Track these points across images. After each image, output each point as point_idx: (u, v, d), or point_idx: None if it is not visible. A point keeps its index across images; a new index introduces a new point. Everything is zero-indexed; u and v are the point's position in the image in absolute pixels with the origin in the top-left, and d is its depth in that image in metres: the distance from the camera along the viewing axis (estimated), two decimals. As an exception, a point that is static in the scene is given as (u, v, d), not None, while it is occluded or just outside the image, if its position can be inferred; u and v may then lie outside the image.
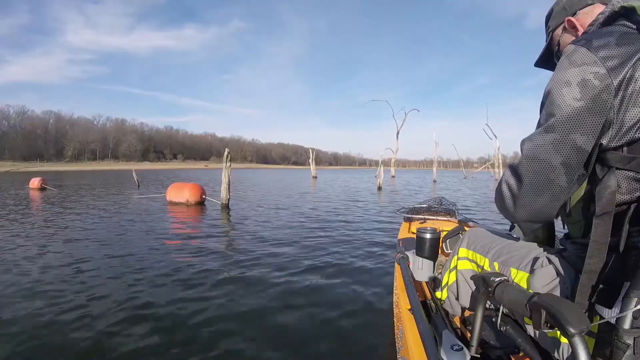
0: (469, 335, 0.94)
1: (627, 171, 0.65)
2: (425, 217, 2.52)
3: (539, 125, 0.71)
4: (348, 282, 2.96)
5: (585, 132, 0.64)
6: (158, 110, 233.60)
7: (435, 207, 2.73)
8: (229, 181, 7.43)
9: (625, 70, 0.61)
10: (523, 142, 0.73)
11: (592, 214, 0.68)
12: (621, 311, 0.60)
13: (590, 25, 0.78)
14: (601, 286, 0.67)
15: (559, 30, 0.87)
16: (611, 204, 0.65)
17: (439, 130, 36.90)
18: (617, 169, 0.65)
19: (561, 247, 0.89)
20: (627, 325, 0.59)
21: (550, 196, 0.70)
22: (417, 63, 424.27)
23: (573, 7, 0.83)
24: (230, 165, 7.33)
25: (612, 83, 0.62)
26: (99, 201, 9.07)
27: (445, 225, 2.29)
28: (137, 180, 14.53)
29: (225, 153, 7.32)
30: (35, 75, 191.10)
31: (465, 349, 0.78)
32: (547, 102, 0.70)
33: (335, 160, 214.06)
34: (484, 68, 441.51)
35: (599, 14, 0.76)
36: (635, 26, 0.66)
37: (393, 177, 30.44)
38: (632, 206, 0.65)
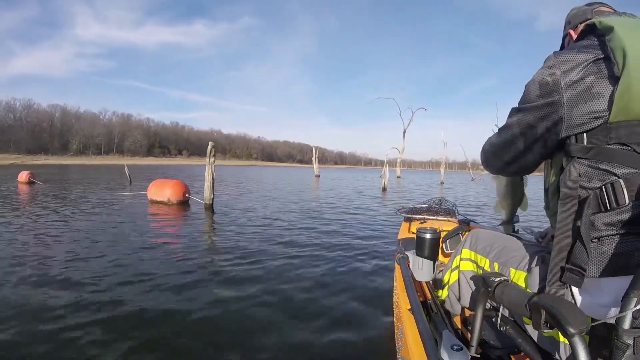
0: (469, 335, 0.92)
1: (586, 160, 0.72)
2: (425, 217, 2.51)
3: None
4: (348, 282, 2.92)
5: (537, 117, 0.78)
6: (165, 105, 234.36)
7: (435, 207, 2.72)
8: (212, 179, 6.61)
9: (575, 73, 0.71)
10: (510, 114, 0.86)
11: None
12: (621, 311, 0.59)
13: (573, 40, 0.92)
14: (568, 266, 0.72)
15: (567, 39, 1.00)
16: (574, 189, 0.73)
17: (445, 131, 36.09)
18: (578, 158, 0.73)
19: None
20: (626, 325, 0.59)
21: (514, 155, 0.87)
22: (425, 63, 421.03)
23: (576, 20, 0.96)
24: (214, 162, 6.51)
25: (560, 83, 0.72)
26: (80, 198, 8.45)
27: (445, 225, 2.27)
28: (129, 175, 14.03)
29: (209, 147, 6.47)
30: (43, 69, 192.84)
31: (465, 349, 0.77)
32: (524, 91, 0.82)
33: (340, 159, 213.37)
34: (492, 70, 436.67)
35: (578, 33, 0.86)
36: (597, 39, 0.74)
37: (399, 177, 29.65)
38: (591, 193, 0.72)
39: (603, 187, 0.70)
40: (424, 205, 2.79)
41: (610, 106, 0.68)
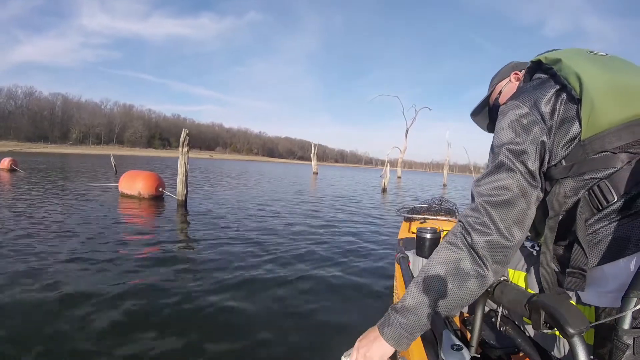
0: (469, 335, 0.92)
1: (568, 177, 0.73)
2: (425, 217, 2.48)
3: (487, 169, 0.76)
4: (347, 282, 2.88)
5: (529, 158, 0.72)
6: (168, 98, 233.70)
7: (435, 207, 2.70)
8: (185, 171, 5.75)
9: (543, 105, 0.72)
10: (478, 185, 0.74)
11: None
12: (620, 311, 0.59)
13: (520, 81, 0.93)
14: (569, 270, 0.71)
15: (502, 82, 1.02)
16: (559, 207, 0.74)
17: (449, 132, 35.48)
18: (561, 179, 0.74)
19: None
20: (626, 325, 0.59)
21: (519, 220, 0.71)
22: (431, 64, 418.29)
23: (519, 67, 1.00)
24: (187, 151, 5.67)
25: (536, 117, 0.72)
26: (50, 189, 7.74)
27: (445, 225, 2.24)
28: (114, 166, 13.41)
29: (183, 135, 5.61)
30: (47, 57, 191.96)
31: (465, 349, 0.77)
32: (492, 152, 0.77)
33: (341, 157, 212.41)
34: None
35: (525, 73, 0.88)
36: (546, 74, 0.78)
37: (399, 177, 28.85)
38: (580, 200, 0.72)
39: (590, 191, 0.71)
40: (424, 205, 2.77)
41: (580, 126, 0.70)
